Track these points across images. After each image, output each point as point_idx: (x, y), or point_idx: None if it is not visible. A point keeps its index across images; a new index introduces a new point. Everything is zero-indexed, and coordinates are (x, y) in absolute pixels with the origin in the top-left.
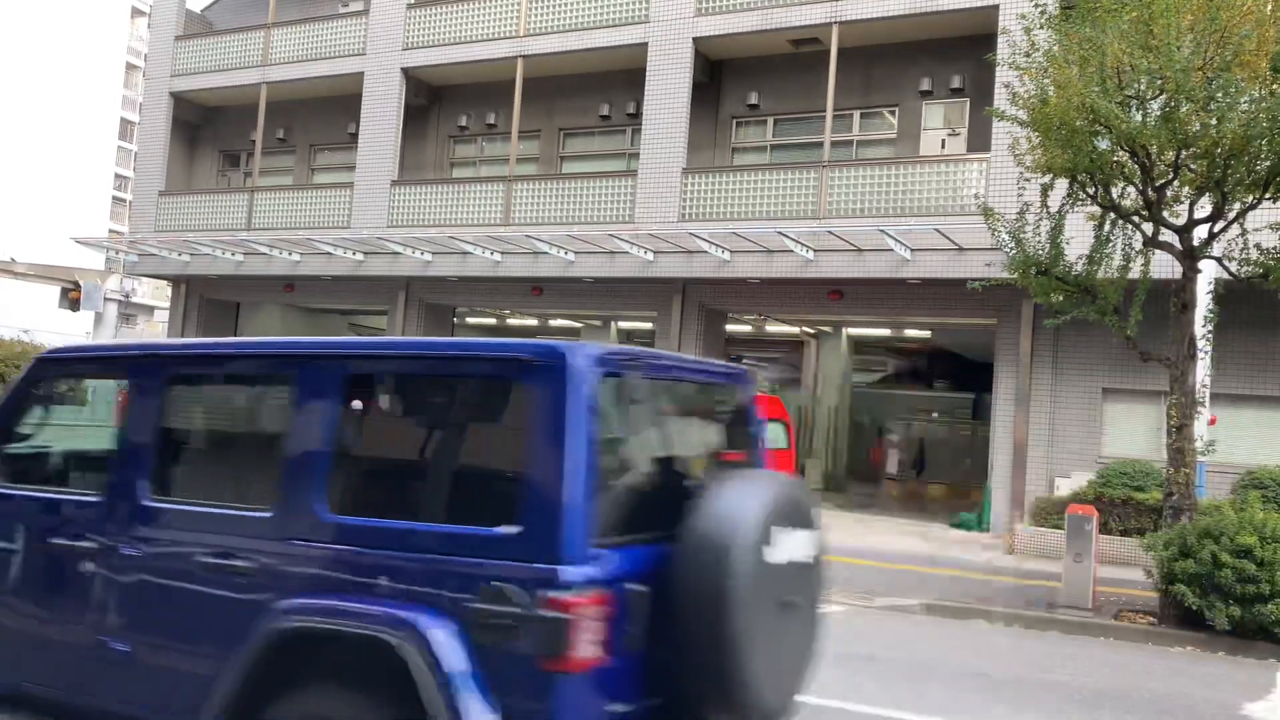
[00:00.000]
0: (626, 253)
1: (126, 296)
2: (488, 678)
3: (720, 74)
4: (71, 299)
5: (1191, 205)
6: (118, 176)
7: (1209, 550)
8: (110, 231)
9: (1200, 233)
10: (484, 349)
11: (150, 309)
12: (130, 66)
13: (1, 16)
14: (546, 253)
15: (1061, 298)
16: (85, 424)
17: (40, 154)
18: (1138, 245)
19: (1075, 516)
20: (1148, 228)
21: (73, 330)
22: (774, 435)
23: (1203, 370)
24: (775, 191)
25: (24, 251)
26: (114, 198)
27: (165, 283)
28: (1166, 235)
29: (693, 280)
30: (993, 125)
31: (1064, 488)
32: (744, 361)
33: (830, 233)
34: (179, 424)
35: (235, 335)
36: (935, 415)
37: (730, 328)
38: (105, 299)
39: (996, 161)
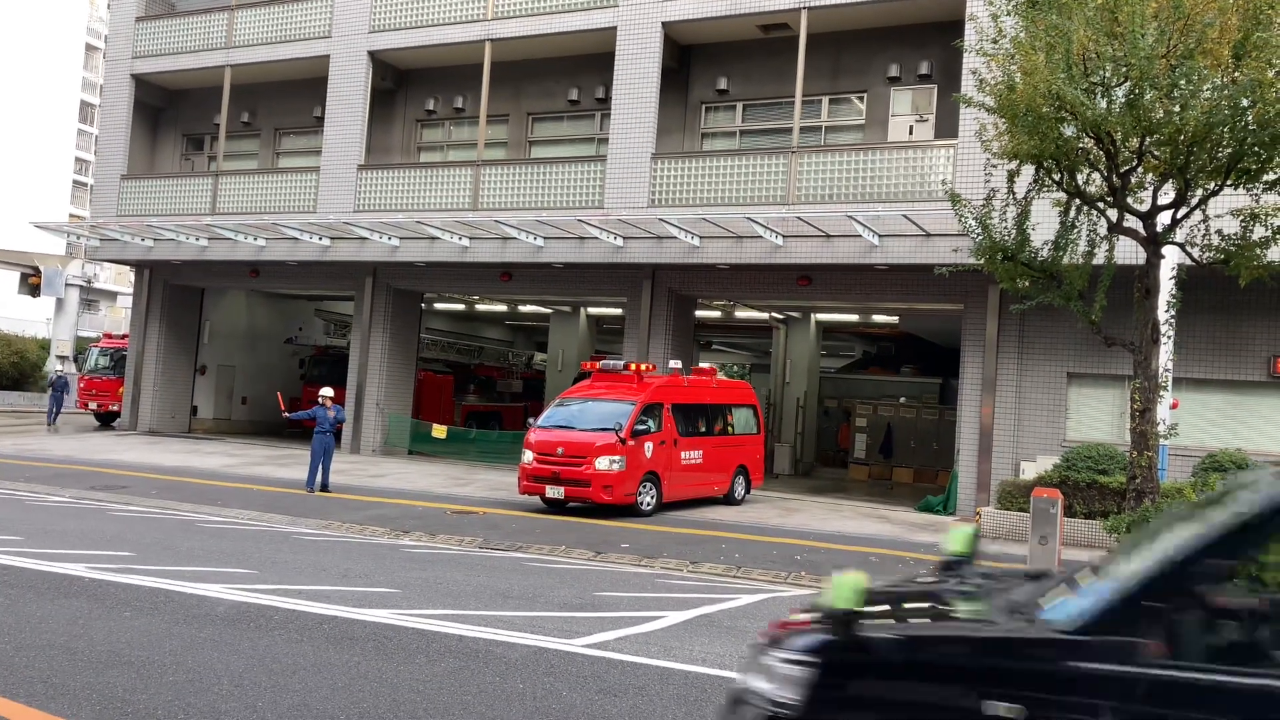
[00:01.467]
0: (596, 238)
1: (88, 282)
2: None
3: (690, 59)
4: (31, 284)
5: (1155, 192)
6: (78, 160)
7: None
8: (71, 216)
9: (1163, 219)
10: None
11: (113, 295)
12: (90, 48)
13: None
14: (515, 238)
15: (1027, 283)
16: None
17: None
18: (1102, 231)
19: (1040, 500)
20: (1112, 214)
21: (33, 316)
22: (744, 420)
23: (1165, 355)
24: (744, 177)
25: None
26: (74, 182)
27: (128, 268)
28: (1130, 221)
29: (662, 265)
30: (960, 111)
31: (1029, 471)
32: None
33: (799, 218)
34: None
35: (201, 321)
36: (902, 400)
37: (700, 313)
38: (66, 284)
39: (964, 148)
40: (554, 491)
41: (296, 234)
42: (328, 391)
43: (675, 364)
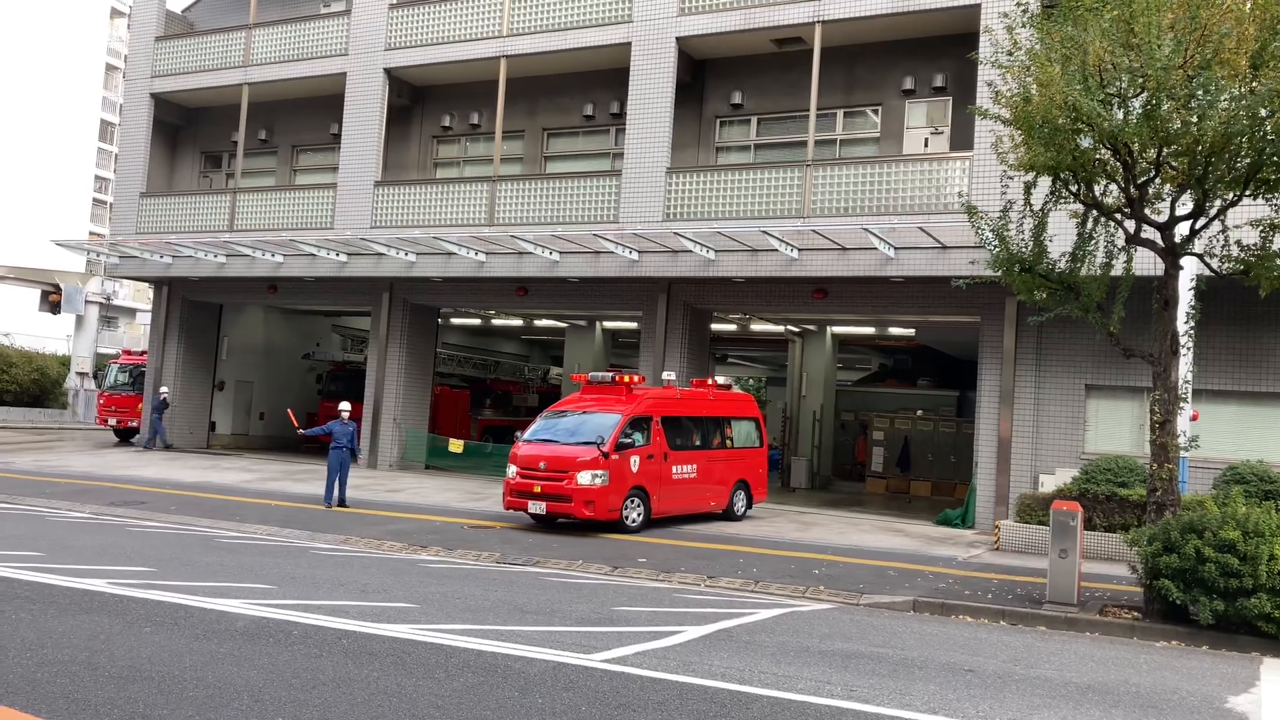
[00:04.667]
0: (611, 252)
1: (108, 299)
2: None
3: (704, 73)
4: (52, 302)
5: (1173, 202)
6: (98, 178)
7: (1193, 545)
8: (90, 234)
9: (1182, 230)
10: None
11: (132, 312)
12: (110, 67)
13: None
14: (531, 252)
15: (1045, 295)
16: None
17: (19, 155)
18: (1120, 242)
19: (1060, 512)
20: (1130, 225)
21: (53, 333)
22: (745, 433)
23: (1185, 366)
24: (759, 190)
25: (3, 254)
26: (94, 199)
27: (147, 285)
28: (1148, 232)
29: (677, 279)
30: (975, 124)
31: (1048, 484)
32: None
33: (815, 231)
34: None
35: (219, 337)
36: (919, 412)
37: (715, 327)
38: (86, 302)
39: (979, 160)
40: (536, 507)
41: (314, 250)
42: (345, 406)
43: (669, 375)
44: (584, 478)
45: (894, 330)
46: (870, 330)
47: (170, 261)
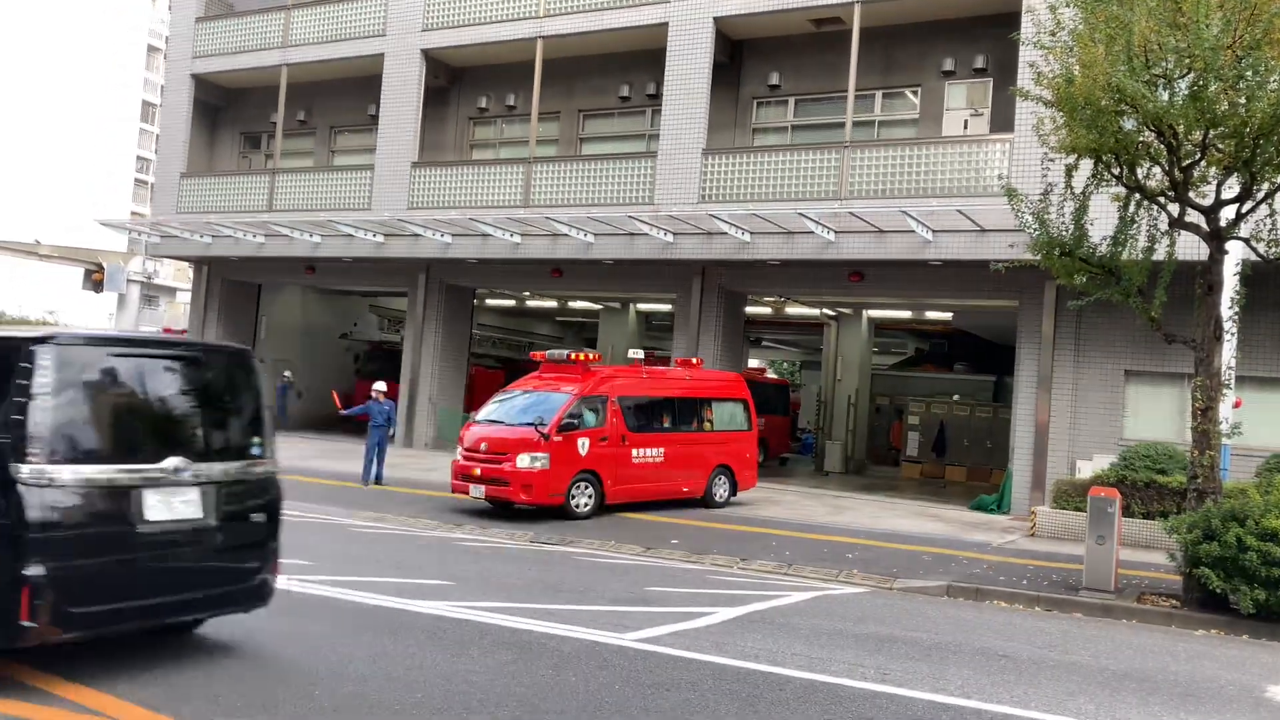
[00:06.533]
0: (646, 234)
1: (149, 278)
2: None
3: (741, 54)
4: (95, 280)
5: (1219, 185)
6: (139, 159)
7: (1234, 533)
8: (132, 213)
9: (1227, 213)
10: None
11: (172, 291)
12: (151, 49)
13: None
14: (566, 234)
15: (1085, 279)
16: None
17: (63, 137)
18: (1163, 226)
19: (1098, 499)
20: (1173, 208)
21: (96, 312)
22: (728, 416)
23: (1228, 352)
24: (796, 172)
25: (48, 234)
26: (136, 180)
27: (187, 264)
28: (1193, 216)
29: (712, 262)
30: (1016, 105)
31: (1085, 470)
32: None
33: (851, 214)
34: None
35: (258, 316)
36: (956, 397)
37: (750, 309)
38: (128, 280)
39: (1020, 142)
40: (476, 490)
41: (351, 231)
42: (380, 386)
43: (636, 354)
44: (523, 460)
45: (931, 314)
46: (907, 314)
47: (210, 241)
